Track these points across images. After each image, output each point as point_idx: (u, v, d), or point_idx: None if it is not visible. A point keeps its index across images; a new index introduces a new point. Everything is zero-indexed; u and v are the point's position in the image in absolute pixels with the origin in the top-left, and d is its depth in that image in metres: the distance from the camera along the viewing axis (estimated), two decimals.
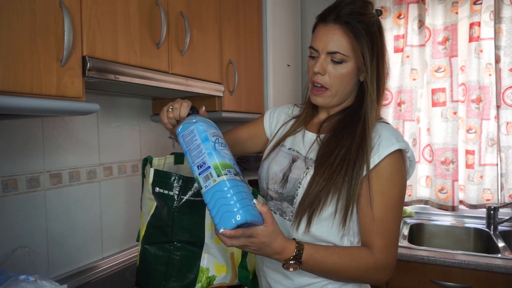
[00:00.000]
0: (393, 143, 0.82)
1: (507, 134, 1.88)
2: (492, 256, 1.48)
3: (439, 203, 2.01)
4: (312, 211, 0.83)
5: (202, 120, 0.79)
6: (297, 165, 0.90)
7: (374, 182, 0.82)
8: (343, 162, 0.82)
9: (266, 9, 1.79)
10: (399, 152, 0.83)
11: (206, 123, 0.78)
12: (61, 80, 0.80)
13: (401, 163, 0.84)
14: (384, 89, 0.89)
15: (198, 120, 0.78)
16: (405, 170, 0.86)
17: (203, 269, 0.84)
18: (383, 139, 0.83)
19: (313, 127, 0.96)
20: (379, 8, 0.87)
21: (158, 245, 0.87)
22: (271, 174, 0.94)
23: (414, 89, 2.06)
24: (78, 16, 0.84)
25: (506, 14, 1.85)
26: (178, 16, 1.18)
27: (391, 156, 0.82)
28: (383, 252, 0.81)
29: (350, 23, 0.82)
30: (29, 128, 1.11)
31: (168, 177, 0.85)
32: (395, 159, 0.82)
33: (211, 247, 0.85)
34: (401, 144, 0.82)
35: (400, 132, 0.87)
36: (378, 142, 0.83)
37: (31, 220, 1.11)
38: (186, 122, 0.78)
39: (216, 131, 0.79)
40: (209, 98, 1.46)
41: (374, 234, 0.82)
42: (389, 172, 0.82)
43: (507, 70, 1.86)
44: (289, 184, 0.89)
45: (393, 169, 0.82)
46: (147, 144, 1.57)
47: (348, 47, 0.83)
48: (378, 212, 0.81)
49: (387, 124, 0.88)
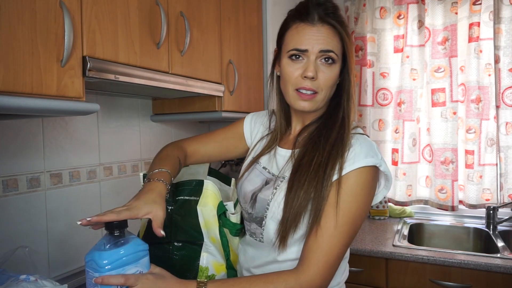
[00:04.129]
0: (359, 159, 0.76)
1: (507, 134, 1.88)
2: (491, 256, 1.48)
3: (438, 203, 2.02)
4: (288, 231, 0.77)
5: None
6: (268, 186, 0.86)
7: (332, 194, 0.75)
8: (317, 171, 0.77)
9: (266, 9, 1.79)
10: (368, 168, 0.76)
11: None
12: (61, 80, 0.80)
13: (368, 179, 0.77)
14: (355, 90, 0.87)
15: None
16: (371, 188, 0.78)
17: (203, 268, 0.85)
18: (351, 153, 0.77)
19: (287, 142, 0.91)
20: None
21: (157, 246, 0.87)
22: (243, 193, 0.91)
23: (414, 89, 2.06)
24: (78, 16, 0.84)
25: (505, 15, 1.85)
26: (178, 16, 1.18)
27: (358, 171, 0.75)
28: (313, 268, 0.72)
29: (337, 23, 0.80)
30: (29, 128, 1.11)
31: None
32: (361, 175, 0.76)
33: (209, 246, 0.86)
34: (368, 161, 0.76)
35: (374, 146, 0.80)
36: (348, 155, 0.77)
37: (31, 220, 1.11)
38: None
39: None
40: (209, 98, 1.47)
41: (312, 247, 0.74)
42: (350, 186, 0.75)
43: (507, 70, 1.86)
44: (258, 204, 0.85)
45: (356, 184, 0.75)
46: (147, 144, 1.58)
47: (338, 47, 0.81)
48: (325, 224, 0.74)
49: (362, 137, 0.81)
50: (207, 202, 0.85)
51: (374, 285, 1.59)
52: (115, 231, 0.67)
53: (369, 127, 2.18)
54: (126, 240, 0.68)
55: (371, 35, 2.14)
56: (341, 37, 0.81)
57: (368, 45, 2.14)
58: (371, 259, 1.59)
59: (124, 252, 0.66)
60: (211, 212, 0.86)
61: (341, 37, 0.81)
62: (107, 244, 0.66)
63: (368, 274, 1.60)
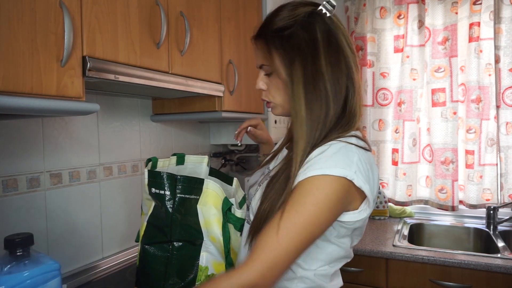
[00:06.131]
0: (327, 167, 0.70)
1: (507, 134, 1.88)
2: (491, 256, 1.48)
3: (439, 203, 2.02)
4: (255, 232, 0.74)
5: None
6: (259, 181, 0.88)
7: (294, 193, 0.71)
8: (288, 172, 0.75)
9: (266, 9, 1.79)
10: (334, 177, 0.69)
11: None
12: (61, 80, 0.80)
13: (332, 188, 0.69)
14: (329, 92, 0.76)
15: None
16: (333, 199, 0.70)
17: (202, 268, 0.85)
18: (321, 157, 0.72)
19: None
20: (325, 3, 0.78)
21: (157, 245, 0.87)
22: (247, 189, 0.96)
23: (414, 89, 2.06)
24: (78, 16, 0.84)
25: (505, 14, 1.85)
26: (178, 16, 1.18)
27: (318, 177, 0.70)
28: (251, 265, 0.67)
29: (265, 34, 0.80)
30: (29, 128, 1.11)
31: (159, 177, 0.86)
32: (325, 182, 0.69)
33: (209, 245, 0.86)
34: (335, 171, 0.69)
35: (355, 157, 0.72)
36: (316, 159, 0.72)
37: (31, 220, 1.11)
38: None
39: None
40: (209, 98, 1.47)
41: (255, 246, 0.70)
42: (305, 190, 0.70)
43: (507, 70, 1.86)
44: (248, 199, 0.90)
45: (309, 191, 0.70)
46: (147, 144, 1.58)
47: (267, 56, 0.80)
48: (271, 223, 0.70)
49: (344, 145, 0.74)
50: (207, 201, 0.86)
51: (374, 285, 1.59)
52: (17, 250, 0.58)
53: (369, 127, 2.18)
54: (31, 260, 0.59)
55: (371, 35, 2.14)
56: (267, 44, 0.80)
57: (368, 45, 2.14)
58: (371, 259, 1.59)
59: (29, 274, 0.57)
60: (211, 211, 0.86)
61: (266, 44, 0.80)
62: (6, 266, 0.57)
63: (368, 274, 1.60)
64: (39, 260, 0.61)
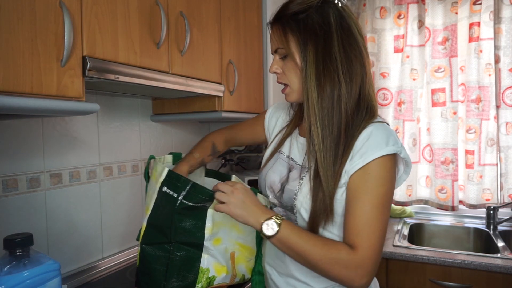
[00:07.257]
0: (381, 148, 0.78)
1: (507, 134, 1.88)
2: (491, 256, 1.48)
3: (439, 203, 2.02)
4: (318, 222, 0.82)
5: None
6: (292, 176, 0.89)
7: (360, 181, 0.79)
8: (334, 163, 0.80)
9: (266, 9, 1.79)
10: (389, 156, 0.79)
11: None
12: (61, 80, 0.80)
13: (391, 165, 0.80)
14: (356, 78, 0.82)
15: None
16: (394, 173, 0.82)
17: (203, 270, 0.84)
18: (372, 142, 0.79)
19: (304, 130, 0.94)
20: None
21: (158, 245, 0.87)
22: (269, 183, 0.94)
23: (414, 89, 2.06)
24: (78, 16, 0.84)
25: (505, 14, 1.85)
26: (178, 16, 1.18)
27: (380, 158, 0.78)
28: (359, 251, 0.76)
29: (281, 19, 0.84)
30: (29, 128, 1.11)
31: (178, 180, 0.85)
32: (384, 161, 0.79)
33: (210, 249, 0.85)
34: (390, 149, 0.78)
35: (394, 133, 0.83)
36: (367, 144, 0.79)
37: (31, 220, 1.11)
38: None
39: None
40: (209, 98, 1.46)
41: (355, 232, 0.78)
42: (377, 172, 0.78)
43: (507, 70, 1.86)
44: (285, 194, 0.89)
45: (381, 169, 0.79)
46: (147, 144, 1.58)
47: (282, 39, 0.84)
48: (361, 210, 0.78)
49: (381, 125, 0.83)
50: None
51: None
52: (16, 250, 0.58)
53: None
54: (31, 260, 0.59)
55: (371, 35, 2.14)
56: (284, 28, 0.84)
57: (368, 45, 2.14)
58: None
59: (29, 274, 0.58)
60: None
61: (283, 28, 0.84)
62: (6, 266, 0.57)
63: None
64: (39, 260, 0.61)
